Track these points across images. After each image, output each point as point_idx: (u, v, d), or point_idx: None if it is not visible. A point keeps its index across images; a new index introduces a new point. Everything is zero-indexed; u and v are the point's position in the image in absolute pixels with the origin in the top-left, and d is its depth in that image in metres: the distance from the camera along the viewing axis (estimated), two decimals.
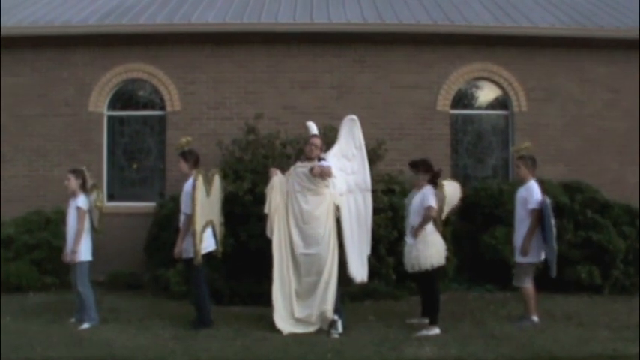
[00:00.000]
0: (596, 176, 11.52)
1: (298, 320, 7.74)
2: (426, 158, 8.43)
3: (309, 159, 7.86)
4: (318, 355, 6.77)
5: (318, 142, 7.94)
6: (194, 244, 7.68)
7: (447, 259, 8.13)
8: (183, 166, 8.15)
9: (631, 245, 10.19)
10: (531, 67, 11.91)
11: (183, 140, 8.28)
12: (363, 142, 8.22)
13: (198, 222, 7.66)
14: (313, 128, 8.30)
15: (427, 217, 7.80)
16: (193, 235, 7.67)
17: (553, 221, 7.88)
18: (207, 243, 7.93)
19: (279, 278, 7.80)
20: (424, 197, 7.88)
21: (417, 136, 11.70)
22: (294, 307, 7.76)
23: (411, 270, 7.95)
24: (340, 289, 7.89)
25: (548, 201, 7.98)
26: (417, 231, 7.81)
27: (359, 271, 7.95)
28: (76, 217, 8.03)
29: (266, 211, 7.89)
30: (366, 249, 8.09)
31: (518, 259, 8.10)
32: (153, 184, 11.97)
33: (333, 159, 7.99)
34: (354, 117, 8.26)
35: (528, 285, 8.11)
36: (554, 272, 7.98)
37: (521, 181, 8.31)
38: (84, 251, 8.01)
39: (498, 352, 6.86)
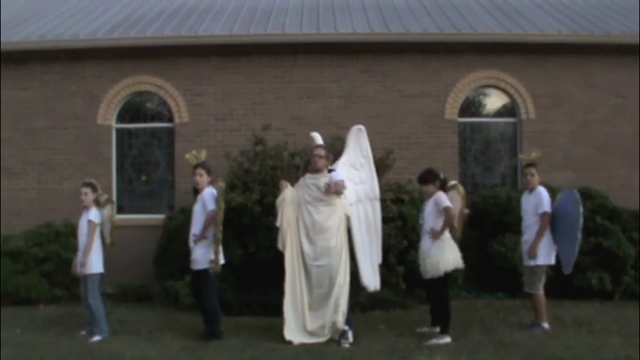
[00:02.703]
0: (605, 182, 11.47)
1: (311, 333, 7.71)
2: (430, 168, 8.38)
3: (316, 170, 7.83)
4: None
5: (322, 152, 7.87)
6: (216, 254, 7.73)
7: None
8: (205, 179, 8.07)
9: None
10: (538, 73, 11.90)
11: (203, 152, 8.22)
12: (370, 151, 8.20)
13: (219, 229, 7.72)
14: (318, 138, 8.31)
15: (448, 217, 7.70)
16: (216, 244, 7.71)
17: (581, 208, 7.77)
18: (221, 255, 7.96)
19: (291, 291, 7.76)
20: (437, 201, 7.82)
21: (425, 145, 11.69)
22: (307, 319, 7.70)
23: (425, 276, 7.90)
24: (350, 299, 7.87)
25: (577, 195, 7.93)
26: (439, 234, 7.74)
27: (371, 280, 7.93)
28: (87, 230, 8.05)
29: (278, 224, 7.85)
30: (377, 258, 8.06)
31: (529, 262, 8.07)
32: (162, 196, 12.00)
33: (342, 168, 7.98)
34: (361, 127, 8.26)
35: (540, 292, 8.08)
36: (569, 268, 7.93)
37: (530, 188, 8.29)
38: (95, 264, 8.01)
39: (508, 359, 6.85)
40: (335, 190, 7.56)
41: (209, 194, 7.92)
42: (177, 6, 13.56)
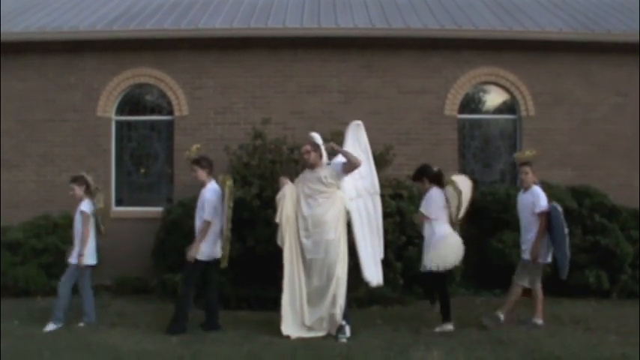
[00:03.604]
0: (604, 180, 11.48)
1: (309, 327, 7.72)
2: (422, 165, 8.46)
3: (311, 165, 7.81)
4: None
5: (307, 147, 7.86)
6: (223, 250, 7.81)
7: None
8: (201, 174, 8.10)
9: (639, 249, 10.15)
10: (539, 71, 11.89)
11: (194, 148, 8.26)
12: (368, 146, 8.19)
13: (228, 227, 7.75)
14: (316, 139, 8.29)
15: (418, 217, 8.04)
16: (225, 240, 7.76)
17: (566, 230, 7.89)
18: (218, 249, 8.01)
19: (290, 286, 7.75)
20: (426, 198, 8.07)
21: (425, 141, 11.68)
22: (305, 314, 7.71)
23: (422, 269, 8.03)
24: (348, 294, 7.87)
25: (560, 209, 7.98)
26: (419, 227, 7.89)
27: (373, 275, 7.92)
28: (81, 221, 8.08)
29: (277, 220, 7.83)
30: (379, 252, 8.05)
31: (528, 259, 8.09)
32: (160, 189, 11.99)
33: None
34: (359, 122, 8.24)
35: (522, 284, 8.11)
36: (564, 275, 8.00)
37: (525, 187, 8.29)
38: (85, 255, 8.06)
39: (506, 357, 6.83)
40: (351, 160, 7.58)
41: (211, 191, 7.96)
42: None
